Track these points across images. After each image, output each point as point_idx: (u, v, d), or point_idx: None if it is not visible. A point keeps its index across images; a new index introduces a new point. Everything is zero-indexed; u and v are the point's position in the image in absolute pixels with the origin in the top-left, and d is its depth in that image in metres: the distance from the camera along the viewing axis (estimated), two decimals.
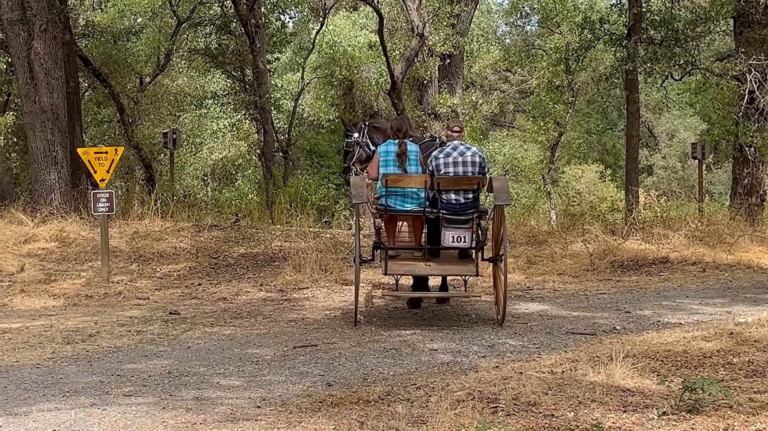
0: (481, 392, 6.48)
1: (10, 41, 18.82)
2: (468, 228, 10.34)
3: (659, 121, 44.54)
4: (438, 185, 10.23)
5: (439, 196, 10.29)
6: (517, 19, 36.08)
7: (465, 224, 10.33)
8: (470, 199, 10.35)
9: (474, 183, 10.34)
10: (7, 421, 6.34)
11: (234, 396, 7.02)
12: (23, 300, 13.01)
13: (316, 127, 35.15)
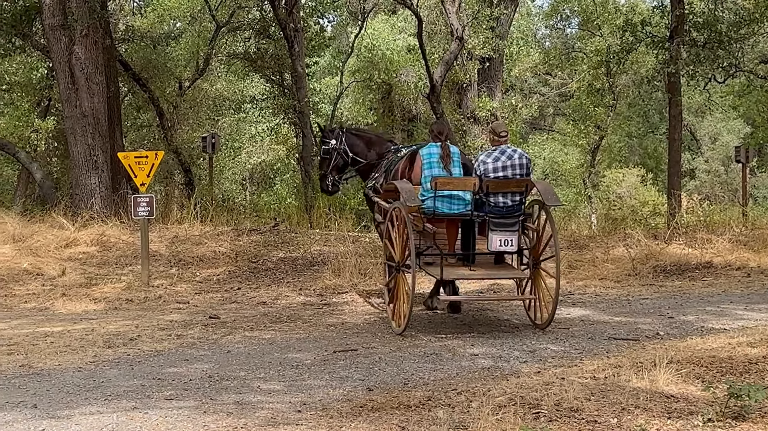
0: (523, 397, 6.45)
1: (51, 46, 19.00)
2: (515, 231, 10.32)
3: (702, 124, 44.18)
4: (487, 188, 10.21)
5: (487, 199, 10.27)
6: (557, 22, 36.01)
7: (512, 227, 10.31)
8: (516, 202, 10.37)
9: (522, 185, 10.38)
10: (50, 424, 6.41)
11: (274, 400, 7.04)
12: (65, 304, 13.13)
13: None
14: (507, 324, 10.64)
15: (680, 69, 19.57)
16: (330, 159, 12.87)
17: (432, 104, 20.81)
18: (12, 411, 6.85)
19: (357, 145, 12.83)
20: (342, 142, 12.80)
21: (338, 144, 12.80)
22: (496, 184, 10.24)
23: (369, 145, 12.90)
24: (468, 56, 26.05)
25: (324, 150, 13.02)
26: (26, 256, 15.53)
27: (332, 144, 12.84)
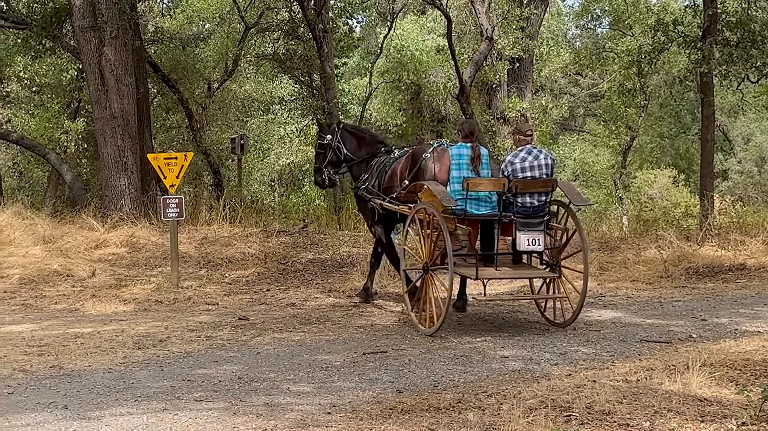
0: (554, 400, 6.44)
1: (81, 48, 19.12)
2: (541, 230, 10.41)
3: (734, 125, 43.87)
4: (515, 188, 10.24)
5: (514, 200, 10.30)
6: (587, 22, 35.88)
7: (539, 227, 10.39)
8: (543, 202, 10.44)
9: (548, 185, 10.44)
10: (81, 425, 6.46)
11: (304, 402, 7.06)
12: (94, 305, 13.20)
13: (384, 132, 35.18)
14: (537, 326, 10.61)
15: (713, 69, 19.42)
16: (324, 154, 13.02)
17: (461, 105, 20.76)
18: (43, 411, 6.91)
19: (350, 143, 12.93)
20: (337, 138, 12.91)
21: (333, 140, 12.91)
22: (524, 184, 10.30)
23: (360, 143, 12.99)
24: (498, 56, 25.99)
25: (319, 144, 13.18)
26: (56, 257, 15.63)
27: (327, 139, 12.95)
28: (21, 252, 15.87)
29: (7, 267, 15.15)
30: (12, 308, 13.22)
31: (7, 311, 12.98)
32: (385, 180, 12.06)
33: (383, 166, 12.26)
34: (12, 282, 14.57)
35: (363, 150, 12.91)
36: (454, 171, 10.67)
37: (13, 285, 14.44)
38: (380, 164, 12.37)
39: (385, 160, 12.38)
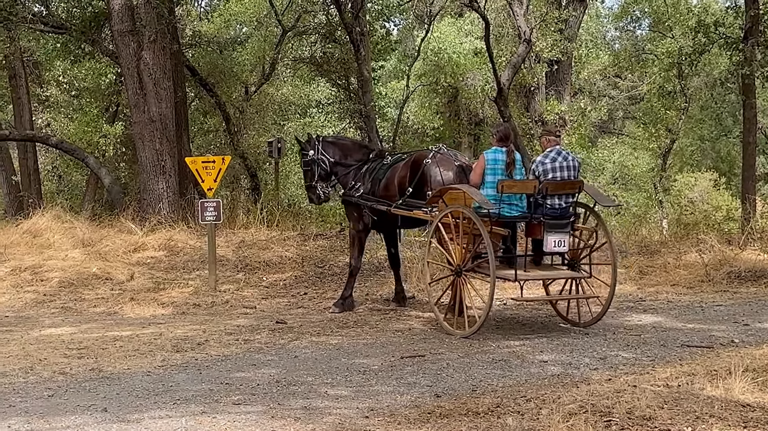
0: (594, 405, 6.40)
1: (120, 52, 19.27)
2: (567, 232, 10.54)
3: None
4: (546, 190, 10.31)
5: (543, 201, 10.38)
6: (627, 23, 35.63)
7: (565, 228, 10.52)
8: (569, 203, 10.60)
9: (576, 187, 10.57)
10: (120, 428, 6.51)
11: (342, 406, 7.07)
12: (133, 308, 13.31)
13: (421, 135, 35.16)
14: (576, 330, 10.55)
15: (755, 70, 19.22)
16: (312, 170, 12.92)
17: (499, 107, 20.70)
18: (83, 414, 6.97)
19: (334, 152, 12.87)
20: (319, 151, 12.83)
21: (316, 154, 12.83)
22: (555, 186, 10.42)
23: (345, 151, 12.95)
24: (536, 59, 25.90)
25: (305, 162, 13.08)
26: (95, 261, 15.77)
27: (311, 155, 12.87)
28: (60, 256, 16.03)
29: (46, 271, 15.32)
30: (52, 311, 13.37)
31: (47, 314, 13.13)
32: (381, 186, 12.11)
33: (376, 173, 12.29)
34: (52, 286, 14.73)
35: (350, 157, 12.87)
36: (489, 176, 10.69)
37: (52, 288, 14.59)
38: (372, 170, 12.39)
39: (377, 166, 12.41)
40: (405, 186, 11.73)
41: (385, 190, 12.07)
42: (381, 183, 12.13)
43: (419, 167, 11.58)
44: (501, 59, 25.48)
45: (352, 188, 12.49)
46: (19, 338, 10.87)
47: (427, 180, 11.46)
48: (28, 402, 7.47)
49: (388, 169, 12.18)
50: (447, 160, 11.66)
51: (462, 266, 10.40)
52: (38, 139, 25.22)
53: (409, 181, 11.65)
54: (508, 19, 26.60)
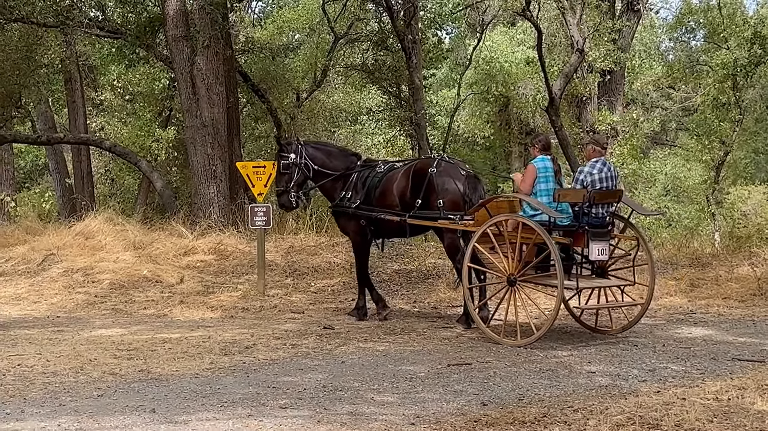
0: (642, 417, 6.35)
1: (174, 57, 19.43)
2: (608, 240, 10.79)
3: None
4: (594, 199, 10.47)
5: (588, 210, 10.52)
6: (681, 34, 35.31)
7: (606, 237, 10.76)
8: (611, 212, 10.85)
9: (617, 196, 10.85)
10: (168, 429, 6.56)
11: (388, 412, 7.07)
12: (182, 311, 13.43)
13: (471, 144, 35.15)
14: (625, 341, 10.46)
15: None
16: (290, 174, 12.56)
17: (551, 117, 20.64)
18: (131, 414, 7.03)
19: (318, 159, 12.61)
20: (303, 156, 12.53)
21: (299, 158, 12.51)
22: (601, 195, 10.59)
23: (330, 158, 12.73)
24: (588, 69, 25.73)
25: (284, 165, 12.63)
26: (146, 263, 15.91)
27: (292, 158, 12.53)
28: (112, 258, 16.19)
29: (98, 272, 15.49)
30: (102, 312, 13.52)
31: (98, 315, 13.28)
32: (377, 195, 12.07)
33: (370, 181, 12.21)
34: (103, 287, 14.90)
35: (335, 164, 12.64)
36: (542, 184, 10.84)
37: (103, 290, 14.76)
38: (364, 179, 12.29)
39: (370, 174, 12.32)
40: (407, 195, 11.77)
41: (381, 198, 12.04)
42: (376, 192, 12.08)
43: (424, 176, 11.64)
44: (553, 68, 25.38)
45: (346, 199, 12.31)
46: (70, 338, 11.00)
47: (435, 189, 11.55)
48: (78, 401, 7.55)
49: (384, 178, 12.15)
50: (454, 169, 11.81)
51: (516, 275, 10.38)
52: (92, 142, 25.51)
53: (414, 191, 11.69)
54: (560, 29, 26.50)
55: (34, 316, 13.32)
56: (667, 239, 21.17)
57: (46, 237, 17.67)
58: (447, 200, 11.54)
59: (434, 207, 11.56)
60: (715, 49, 30.59)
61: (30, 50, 23.44)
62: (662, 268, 15.31)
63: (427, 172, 11.63)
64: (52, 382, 8.36)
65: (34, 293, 14.99)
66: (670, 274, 14.86)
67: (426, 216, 11.67)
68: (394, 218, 11.89)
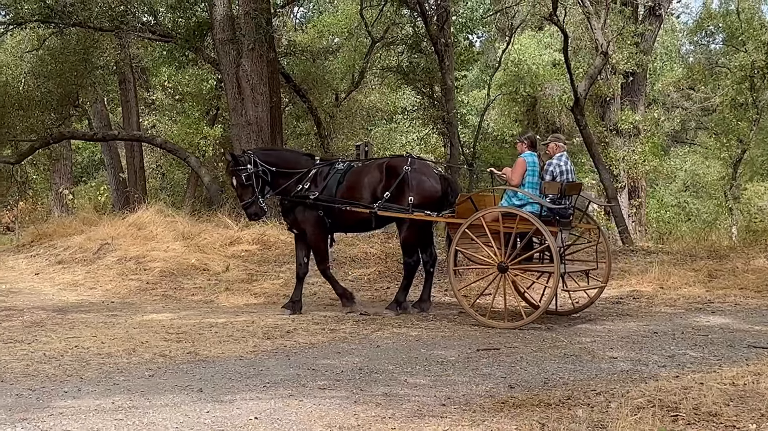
0: (662, 400, 6.31)
1: (220, 59, 19.51)
2: (570, 229, 11.47)
3: None
4: (565, 190, 10.97)
5: (560, 201, 10.99)
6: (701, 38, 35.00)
7: (569, 226, 11.35)
8: (572, 203, 11.33)
9: (579, 188, 11.50)
10: (214, 407, 6.60)
11: (420, 393, 7.08)
12: (228, 298, 13.50)
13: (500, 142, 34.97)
14: (645, 329, 10.39)
15: None
16: (254, 184, 12.00)
17: (576, 116, 20.48)
18: (180, 393, 7.08)
19: (276, 163, 12.16)
20: (258, 164, 12.03)
21: (256, 167, 12.02)
22: (570, 187, 11.08)
23: (289, 160, 12.41)
24: (612, 71, 25.58)
25: (246, 176, 12.02)
26: (194, 253, 16.01)
27: (250, 169, 11.99)
28: (162, 247, 16.30)
29: (149, 261, 15.60)
30: (153, 298, 13.62)
31: (149, 301, 13.38)
32: (342, 190, 11.92)
33: (331, 177, 12.03)
34: (154, 275, 15.00)
35: (293, 165, 12.25)
36: (530, 177, 11.19)
37: (155, 277, 14.87)
38: (325, 175, 12.08)
39: (329, 170, 12.13)
40: (377, 190, 11.74)
41: (348, 192, 11.90)
42: (341, 186, 11.93)
43: (398, 173, 11.66)
44: (578, 70, 25.22)
45: (305, 190, 11.97)
46: (123, 322, 11.09)
47: (410, 186, 11.58)
48: (131, 381, 7.62)
49: (346, 174, 12.04)
50: (427, 168, 12.02)
51: (507, 262, 10.72)
52: (144, 139, 25.67)
53: (386, 186, 11.67)
54: (586, 33, 26.30)
55: (90, 301, 13.44)
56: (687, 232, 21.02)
57: (101, 228, 17.82)
58: (424, 197, 11.63)
59: (404, 202, 11.59)
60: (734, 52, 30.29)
61: (87, 53, 23.63)
62: (681, 260, 15.23)
63: (402, 169, 11.67)
64: (106, 363, 8.44)
65: (90, 280, 15.14)
66: (689, 265, 14.75)
67: (398, 208, 11.64)
68: (362, 210, 11.76)
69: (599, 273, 11.70)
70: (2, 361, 8.51)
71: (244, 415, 6.37)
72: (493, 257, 10.82)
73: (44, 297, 13.79)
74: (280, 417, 6.31)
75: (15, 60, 24.67)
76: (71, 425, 6.14)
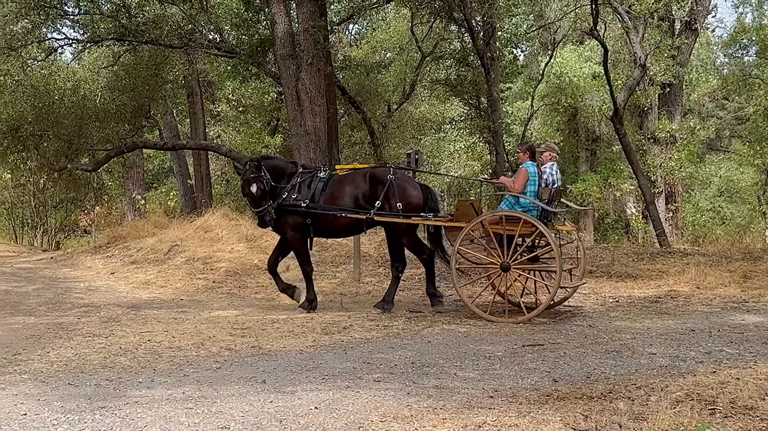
0: (699, 394, 6.23)
1: (281, 73, 19.61)
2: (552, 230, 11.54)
3: None
4: (553, 196, 11.42)
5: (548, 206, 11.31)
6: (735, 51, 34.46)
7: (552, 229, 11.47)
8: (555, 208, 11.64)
9: (561, 194, 11.99)
10: (277, 397, 6.64)
11: (469, 386, 7.06)
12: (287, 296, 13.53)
13: None
14: (683, 326, 10.26)
15: None
16: (264, 191, 11.79)
17: (615, 125, 20.30)
18: (245, 384, 7.14)
19: (275, 173, 11.95)
20: (265, 171, 11.85)
21: (265, 173, 11.85)
22: (557, 193, 11.59)
23: (284, 168, 12.13)
24: (650, 82, 25.34)
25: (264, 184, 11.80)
26: (256, 254, 16.11)
27: (266, 176, 11.82)
28: (227, 249, 16.43)
29: (215, 261, 15.74)
30: (219, 296, 13.72)
31: (216, 298, 13.49)
32: (326, 197, 11.81)
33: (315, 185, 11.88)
34: (219, 274, 15.12)
35: (285, 174, 12.06)
36: (531, 186, 11.42)
37: (220, 277, 14.99)
38: (308, 183, 11.92)
39: (311, 178, 11.96)
40: (359, 198, 11.75)
41: (332, 200, 11.81)
42: (325, 194, 11.81)
43: (383, 182, 11.73)
44: (618, 82, 25.00)
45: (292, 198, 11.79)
46: (192, 318, 11.20)
47: (395, 194, 11.66)
48: (200, 372, 7.69)
49: (329, 182, 11.93)
50: (410, 178, 12.28)
51: (510, 262, 10.99)
52: (211, 148, 25.89)
53: (372, 194, 11.72)
54: (624, 46, 26.08)
55: (161, 299, 13.59)
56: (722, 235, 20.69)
57: (171, 231, 18.03)
58: (410, 203, 11.73)
59: (393, 208, 11.66)
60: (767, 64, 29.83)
61: (158, 68, 23.92)
62: (717, 261, 15.02)
63: (387, 179, 11.74)
64: (177, 356, 8.53)
65: (161, 278, 15.31)
66: (725, 267, 14.54)
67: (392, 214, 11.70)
68: (360, 217, 11.72)
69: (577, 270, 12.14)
70: (82, 354, 8.65)
71: (305, 405, 6.39)
72: (497, 257, 11.08)
73: (119, 295, 13.98)
74: (338, 407, 6.32)
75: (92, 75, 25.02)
76: (145, 413, 6.21)
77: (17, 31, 20.67)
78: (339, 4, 26.05)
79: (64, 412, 6.26)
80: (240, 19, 22.46)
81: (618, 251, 16.40)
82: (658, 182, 25.62)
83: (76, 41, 23.14)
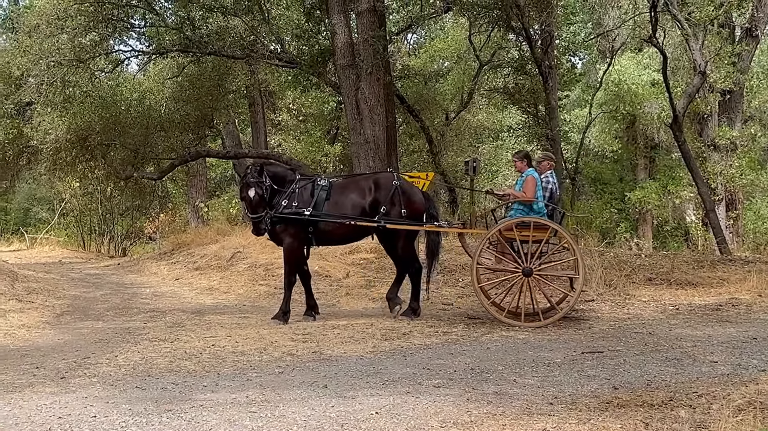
0: (762, 402, 6.12)
1: (341, 83, 19.72)
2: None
3: None
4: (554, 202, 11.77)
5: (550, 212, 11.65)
6: None
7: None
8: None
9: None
10: (338, 402, 6.67)
11: (529, 393, 7.02)
12: (348, 302, 13.61)
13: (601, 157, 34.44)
14: (745, 334, 10.08)
15: None
16: (263, 197, 11.51)
17: (674, 133, 20.04)
18: (307, 389, 7.18)
19: (275, 179, 11.68)
20: (267, 178, 11.59)
21: (267, 181, 11.57)
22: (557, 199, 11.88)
23: (284, 175, 11.85)
24: (709, 89, 24.97)
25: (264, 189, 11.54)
26: (317, 261, 16.16)
27: (267, 182, 11.55)
28: None
29: (276, 268, 15.85)
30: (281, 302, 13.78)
31: (277, 304, 13.54)
32: (329, 205, 11.56)
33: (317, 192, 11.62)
34: (281, 280, 15.14)
35: (285, 181, 11.76)
36: (539, 191, 11.67)
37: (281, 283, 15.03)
38: (309, 190, 11.66)
39: (311, 185, 11.70)
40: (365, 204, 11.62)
41: (335, 207, 11.58)
42: (329, 201, 11.58)
43: (388, 189, 11.65)
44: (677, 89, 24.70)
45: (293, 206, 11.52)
46: (254, 323, 11.30)
47: (400, 200, 11.62)
48: (262, 377, 7.76)
49: (330, 190, 11.67)
50: (413, 185, 12.22)
51: (532, 267, 11.12)
52: (272, 156, 26.05)
53: (375, 200, 11.64)
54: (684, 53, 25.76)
55: (224, 304, 13.74)
56: None
57: (233, 238, 18.22)
58: (414, 209, 11.76)
59: (399, 215, 11.60)
60: None
61: (221, 79, 24.22)
62: None
63: (392, 185, 11.69)
64: (240, 360, 8.61)
65: (224, 284, 15.47)
66: None
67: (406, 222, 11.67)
68: (370, 224, 11.59)
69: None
70: (149, 358, 8.78)
71: (366, 410, 6.42)
72: (518, 263, 11.21)
73: (184, 300, 14.16)
74: (399, 413, 6.33)
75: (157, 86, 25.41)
76: (210, 416, 6.28)
77: (86, 44, 21.12)
78: (398, 15, 26.12)
79: (132, 415, 6.36)
80: (301, 30, 22.66)
81: (678, 258, 16.17)
82: (718, 189, 25.23)
83: (142, 53, 23.56)
